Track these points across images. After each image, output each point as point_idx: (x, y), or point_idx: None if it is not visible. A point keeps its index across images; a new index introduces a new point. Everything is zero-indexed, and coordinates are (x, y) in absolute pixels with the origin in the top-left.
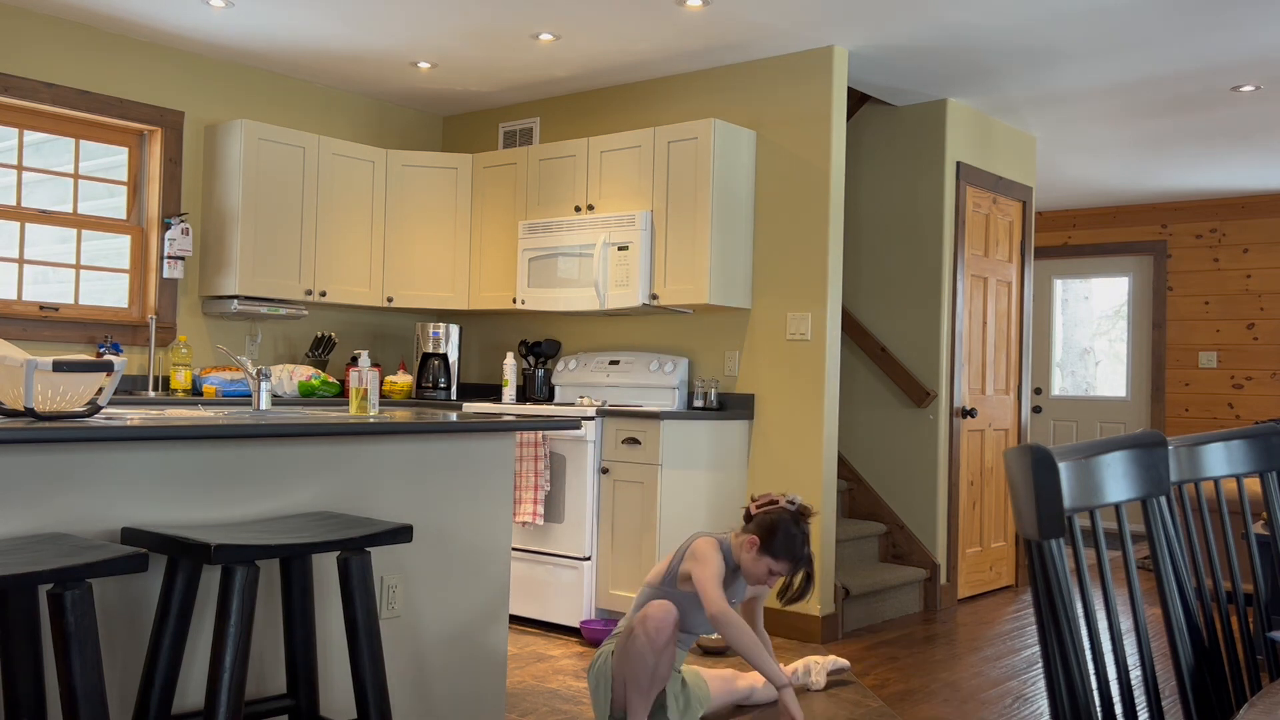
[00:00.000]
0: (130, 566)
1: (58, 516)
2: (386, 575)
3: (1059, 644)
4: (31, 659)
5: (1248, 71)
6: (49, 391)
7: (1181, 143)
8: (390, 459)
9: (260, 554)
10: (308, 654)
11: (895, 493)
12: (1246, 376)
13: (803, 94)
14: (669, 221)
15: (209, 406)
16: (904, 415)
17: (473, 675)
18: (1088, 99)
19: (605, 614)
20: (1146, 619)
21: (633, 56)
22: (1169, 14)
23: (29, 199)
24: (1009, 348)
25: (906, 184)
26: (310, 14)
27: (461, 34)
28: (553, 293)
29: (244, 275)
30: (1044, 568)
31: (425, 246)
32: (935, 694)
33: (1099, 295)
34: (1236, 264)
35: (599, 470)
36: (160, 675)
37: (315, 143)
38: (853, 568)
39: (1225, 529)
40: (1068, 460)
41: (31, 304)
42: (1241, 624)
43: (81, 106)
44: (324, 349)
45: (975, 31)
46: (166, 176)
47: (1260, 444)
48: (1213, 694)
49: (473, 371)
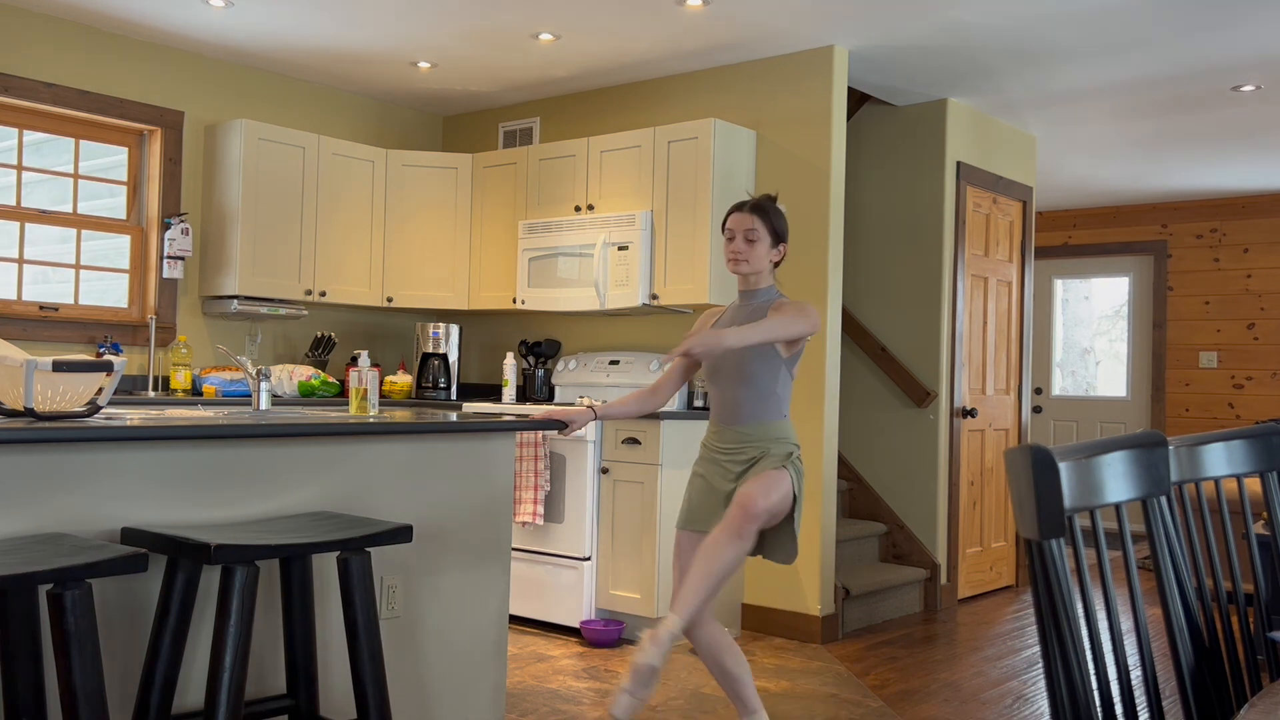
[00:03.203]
0: (130, 566)
1: (57, 516)
2: (386, 575)
3: (1059, 644)
4: (31, 659)
5: (1248, 71)
6: (49, 391)
7: (1181, 143)
8: (390, 459)
9: (260, 554)
10: (308, 654)
11: (895, 493)
12: (1247, 376)
13: (803, 94)
14: (669, 221)
15: (209, 406)
16: (904, 415)
17: (473, 675)
18: (1088, 99)
19: (605, 614)
20: (1147, 619)
21: (633, 56)
22: (1169, 14)
23: (29, 199)
24: (1009, 348)
25: (906, 184)
26: (310, 14)
27: (461, 34)
28: (553, 293)
29: (244, 275)
30: (1044, 568)
31: (425, 246)
32: (935, 694)
33: (1099, 295)
34: (1237, 264)
35: (599, 470)
36: (160, 675)
37: (315, 142)
38: (853, 568)
39: (1225, 529)
40: (1068, 460)
41: (31, 304)
42: (1241, 624)
43: (81, 106)
44: (324, 349)
45: (975, 31)
46: (166, 176)
47: (1260, 444)
48: (1213, 694)
49: (473, 371)
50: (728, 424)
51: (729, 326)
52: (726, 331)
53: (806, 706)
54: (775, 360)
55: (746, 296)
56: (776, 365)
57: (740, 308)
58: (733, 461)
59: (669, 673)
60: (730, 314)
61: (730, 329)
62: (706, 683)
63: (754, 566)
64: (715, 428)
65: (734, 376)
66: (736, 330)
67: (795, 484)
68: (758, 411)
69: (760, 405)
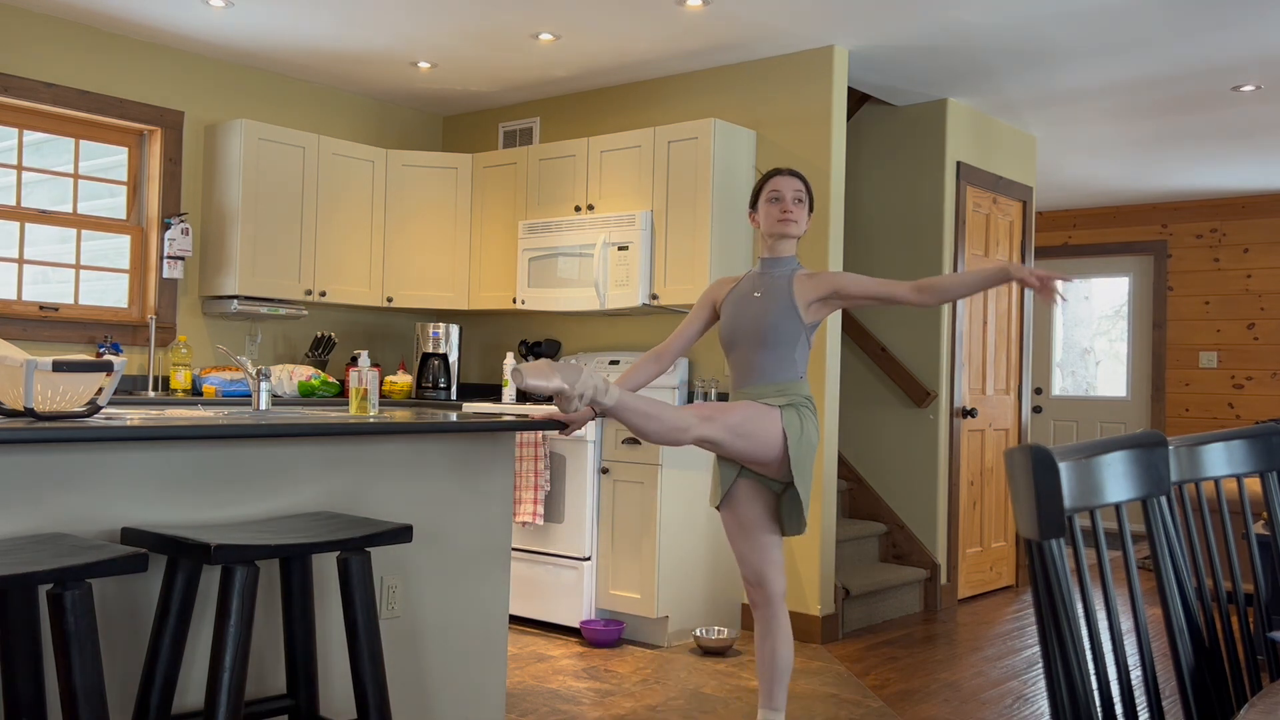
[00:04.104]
0: (130, 566)
1: (57, 516)
2: (386, 575)
3: (1059, 644)
4: (31, 659)
5: (1248, 71)
6: (49, 391)
7: (1181, 143)
8: (390, 459)
9: (260, 554)
10: (308, 654)
11: (895, 493)
12: (1247, 376)
13: (803, 94)
14: (669, 221)
15: (209, 406)
16: (904, 415)
17: (473, 675)
18: (1088, 99)
19: (605, 614)
20: (1147, 619)
21: (633, 56)
22: (1169, 14)
23: (29, 199)
24: (1009, 347)
25: (906, 184)
26: (310, 14)
27: (461, 34)
28: (553, 293)
29: (244, 275)
30: (1044, 568)
31: (425, 246)
32: (935, 694)
33: (1099, 295)
34: (1237, 264)
35: (599, 470)
36: (160, 675)
37: (315, 142)
38: (853, 568)
39: (1225, 529)
40: (1068, 460)
41: (31, 304)
42: (1241, 624)
43: (81, 106)
44: (324, 349)
45: (975, 31)
46: (166, 176)
47: (1260, 444)
48: (1213, 694)
49: (473, 371)
50: (745, 385)
51: (750, 294)
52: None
53: (806, 706)
54: (797, 326)
55: (770, 264)
56: (798, 331)
57: (761, 275)
58: None
59: (669, 672)
60: (749, 281)
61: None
62: (706, 683)
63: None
64: (733, 395)
65: (755, 340)
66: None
67: (792, 426)
68: (775, 374)
69: (778, 367)
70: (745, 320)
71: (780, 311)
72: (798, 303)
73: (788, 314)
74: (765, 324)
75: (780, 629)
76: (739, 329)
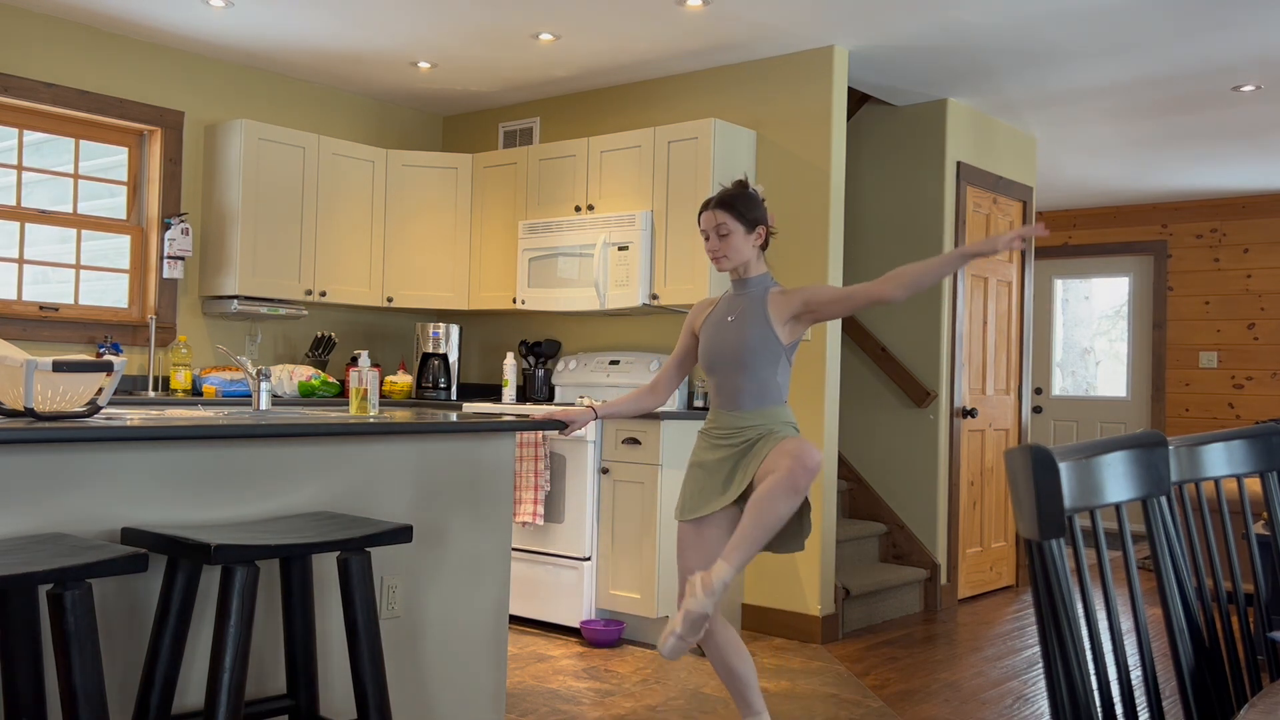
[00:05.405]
0: (130, 566)
1: (57, 516)
2: (386, 575)
3: (1059, 644)
4: (31, 659)
5: (1248, 71)
6: (49, 391)
7: (1181, 143)
8: (390, 459)
9: (260, 554)
10: (308, 654)
11: (895, 493)
12: (1247, 376)
13: (803, 94)
14: (669, 221)
15: (209, 406)
16: (904, 415)
17: (473, 675)
18: (1088, 99)
19: (605, 614)
20: (1147, 619)
21: (633, 56)
22: (1169, 14)
23: (29, 199)
24: (1009, 348)
25: (906, 184)
26: (310, 14)
27: (461, 34)
28: (553, 293)
29: (244, 275)
30: (1044, 568)
31: (425, 246)
32: (935, 694)
33: (1099, 295)
34: (1237, 264)
35: (599, 470)
36: (160, 675)
37: (315, 143)
38: (853, 568)
39: (1225, 529)
40: (1068, 460)
41: (31, 304)
42: (1242, 624)
43: (81, 106)
44: (324, 349)
45: (975, 31)
46: (166, 176)
47: (1260, 444)
48: (1213, 694)
49: (473, 371)
50: (727, 410)
51: (725, 318)
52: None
53: (806, 706)
54: (776, 348)
55: (739, 286)
56: (777, 353)
57: (735, 298)
58: (731, 443)
59: (669, 672)
60: (725, 304)
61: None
62: (707, 683)
63: (754, 566)
64: (714, 414)
65: (734, 365)
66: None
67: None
68: (758, 398)
69: (760, 392)
70: (722, 345)
71: (756, 335)
72: (773, 322)
73: (764, 336)
74: (743, 348)
75: (728, 642)
76: (717, 354)
